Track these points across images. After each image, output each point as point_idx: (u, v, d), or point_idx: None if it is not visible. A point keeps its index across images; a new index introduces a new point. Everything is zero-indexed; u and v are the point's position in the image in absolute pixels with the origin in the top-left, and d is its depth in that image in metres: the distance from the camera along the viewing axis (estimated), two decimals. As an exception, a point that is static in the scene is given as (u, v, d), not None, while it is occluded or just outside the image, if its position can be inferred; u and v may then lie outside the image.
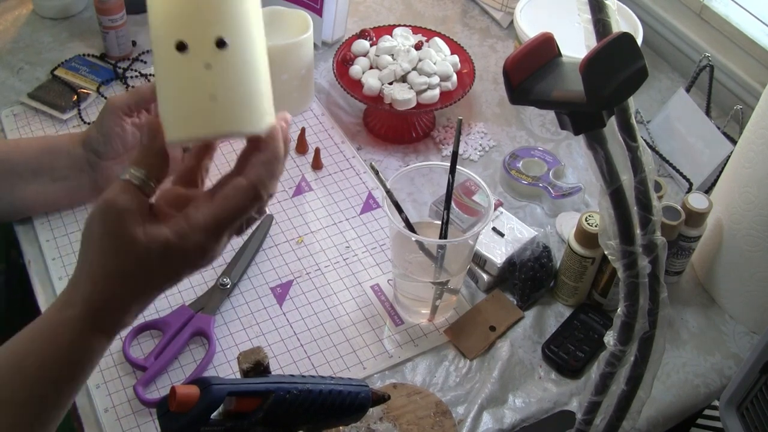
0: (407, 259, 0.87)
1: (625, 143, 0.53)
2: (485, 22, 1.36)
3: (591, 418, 0.68)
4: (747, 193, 0.87)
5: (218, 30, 0.61)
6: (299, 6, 1.19)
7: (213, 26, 0.61)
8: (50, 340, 0.61)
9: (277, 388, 0.62)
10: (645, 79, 0.49)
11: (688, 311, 0.95)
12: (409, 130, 1.13)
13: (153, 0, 0.62)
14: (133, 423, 0.81)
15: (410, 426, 0.81)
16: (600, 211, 0.56)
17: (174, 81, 0.62)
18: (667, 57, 1.29)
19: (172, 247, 0.60)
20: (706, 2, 1.19)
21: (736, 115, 1.10)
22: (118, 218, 0.60)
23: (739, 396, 0.75)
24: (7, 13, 1.30)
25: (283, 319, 0.90)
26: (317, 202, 1.03)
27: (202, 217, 0.61)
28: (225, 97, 0.62)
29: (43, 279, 0.93)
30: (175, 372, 0.85)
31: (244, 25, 0.63)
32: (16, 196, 0.93)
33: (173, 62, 0.61)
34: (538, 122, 1.17)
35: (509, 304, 0.93)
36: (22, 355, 0.61)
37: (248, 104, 0.63)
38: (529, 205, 1.05)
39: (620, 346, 0.60)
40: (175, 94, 0.62)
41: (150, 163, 0.62)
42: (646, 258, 0.56)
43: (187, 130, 0.62)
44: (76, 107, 1.13)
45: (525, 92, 0.54)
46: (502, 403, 0.85)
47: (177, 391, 0.59)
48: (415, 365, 0.88)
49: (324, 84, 1.21)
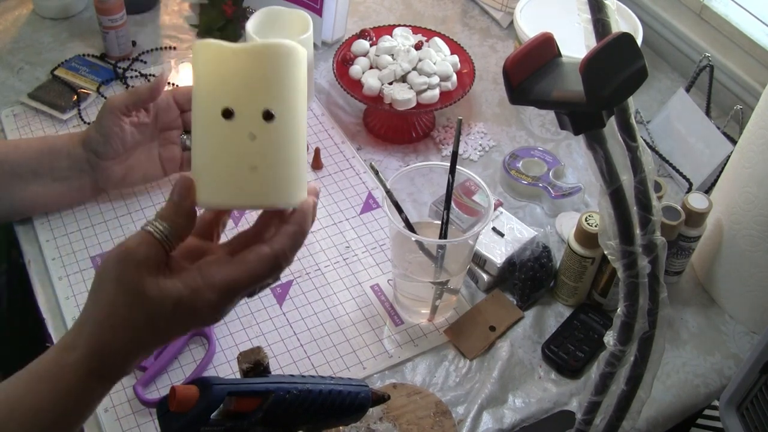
0: (407, 259, 0.87)
1: (625, 143, 0.53)
2: (485, 22, 1.36)
3: (591, 418, 0.68)
4: (747, 193, 0.87)
5: (267, 102, 0.61)
6: (299, 6, 1.19)
7: (262, 98, 0.61)
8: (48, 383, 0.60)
9: (277, 388, 0.62)
10: (645, 79, 0.49)
11: (688, 311, 0.95)
12: (409, 130, 1.13)
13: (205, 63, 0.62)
14: (133, 423, 0.81)
15: (410, 426, 0.81)
16: (600, 211, 0.56)
17: (215, 146, 0.62)
18: (667, 57, 1.29)
19: (183, 302, 0.59)
20: (706, 2, 1.19)
21: (736, 115, 1.10)
22: (134, 268, 0.59)
23: (739, 396, 0.75)
24: (7, 13, 1.31)
25: (283, 319, 0.90)
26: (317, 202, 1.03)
27: (219, 277, 0.61)
28: (265, 169, 0.62)
29: (43, 279, 0.93)
30: (175, 372, 0.85)
31: (291, 99, 0.63)
32: (16, 197, 0.93)
33: (217, 127, 0.61)
34: (538, 122, 1.17)
35: (509, 304, 0.93)
36: (19, 396, 0.60)
37: (287, 178, 0.63)
38: (529, 205, 1.05)
39: (620, 346, 0.60)
40: (215, 159, 0.62)
41: (175, 221, 0.61)
42: (645, 258, 0.56)
43: (222, 197, 0.63)
44: (76, 107, 1.13)
45: (525, 92, 0.54)
46: (502, 403, 0.85)
47: (177, 391, 0.59)
48: (415, 365, 0.88)
49: (324, 84, 1.21)
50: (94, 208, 1.00)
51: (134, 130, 0.93)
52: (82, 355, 0.60)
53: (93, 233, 0.97)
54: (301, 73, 0.63)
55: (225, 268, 0.61)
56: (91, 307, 0.61)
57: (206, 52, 0.62)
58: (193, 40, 1.27)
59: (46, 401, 0.59)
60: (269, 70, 0.62)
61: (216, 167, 0.62)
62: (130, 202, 1.01)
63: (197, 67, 0.62)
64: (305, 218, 0.64)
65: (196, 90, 0.63)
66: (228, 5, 1.24)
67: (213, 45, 0.62)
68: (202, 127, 0.62)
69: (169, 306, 0.59)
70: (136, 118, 0.93)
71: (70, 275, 0.93)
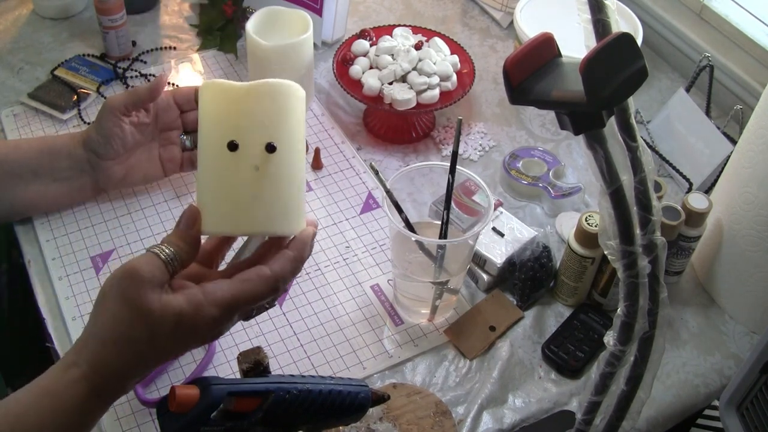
0: (407, 259, 0.87)
1: (625, 143, 0.53)
2: (485, 22, 1.36)
3: (591, 418, 0.68)
4: (747, 193, 0.87)
5: (269, 136, 0.66)
6: (299, 6, 1.19)
7: (266, 131, 0.66)
8: (51, 399, 0.61)
9: (277, 388, 0.62)
10: (645, 79, 0.49)
11: (688, 311, 0.95)
12: (409, 130, 1.13)
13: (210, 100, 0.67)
14: (132, 423, 0.81)
15: (410, 426, 0.81)
16: (600, 211, 0.56)
17: (220, 177, 0.66)
18: (667, 57, 1.29)
19: (185, 317, 0.62)
20: (706, 2, 1.19)
21: (736, 115, 1.10)
22: (137, 285, 0.61)
23: (739, 396, 0.75)
24: (7, 13, 1.31)
25: (283, 319, 0.90)
26: (317, 202, 1.03)
27: (220, 293, 0.63)
28: (268, 198, 0.66)
29: (43, 279, 0.93)
30: (175, 372, 0.85)
31: (291, 133, 0.68)
32: (16, 197, 0.93)
33: (222, 160, 0.66)
34: (538, 122, 1.17)
35: (509, 304, 0.93)
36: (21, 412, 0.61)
37: (287, 207, 0.68)
38: (529, 205, 1.05)
39: (620, 346, 0.60)
40: (220, 189, 0.66)
41: (181, 247, 0.65)
42: (646, 258, 0.56)
43: (226, 225, 0.67)
44: (76, 107, 1.13)
45: (525, 92, 0.54)
46: (501, 403, 0.85)
47: (177, 391, 0.59)
48: (415, 365, 0.88)
49: (324, 84, 1.21)
50: (94, 208, 1.00)
51: (134, 130, 0.93)
52: (84, 372, 0.61)
53: (93, 233, 0.97)
54: (300, 109, 0.69)
55: (226, 285, 0.64)
56: (94, 325, 0.63)
57: (212, 90, 0.67)
58: (193, 40, 1.27)
59: (48, 418, 0.61)
60: (272, 106, 0.66)
61: (221, 197, 0.66)
62: (130, 202, 1.01)
63: (203, 105, 0.67)
64: (305, 246, 0.68)
65: (202, 125, 0.67)
66: (228, 5, 1.24)
67: (218, 84, 0.66)
68: (208, 159, 0.67)
69: (170, 320, 0.61)
70: (136, 119, 0.93)
71: (70, 275, 0.93)
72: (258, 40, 1.05)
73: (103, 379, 0.62)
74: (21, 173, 0.92)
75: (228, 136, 0.65)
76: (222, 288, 0.63)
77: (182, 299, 0.62)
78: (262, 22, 1.10)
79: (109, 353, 0.61)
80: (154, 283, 0.61)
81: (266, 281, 0.65)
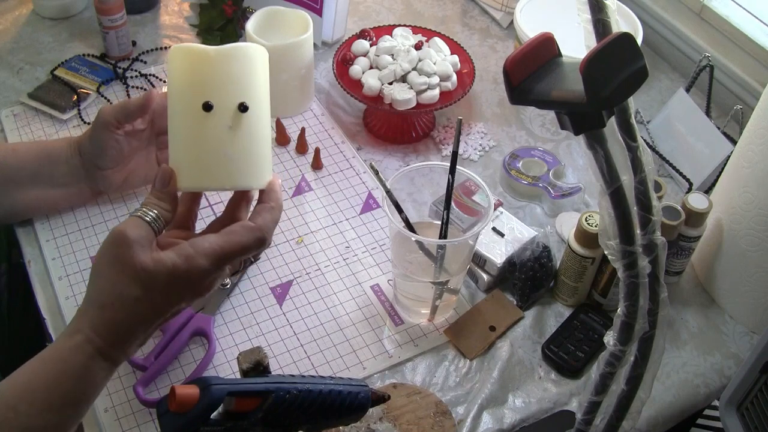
0: (407, 259, 0.87)
1: (625, 143, 0.53)
2: (485, 22, 1.36)
3: (591, 418, 0.68)
4: (747, 193, 0.87)
5: (242, 95, 0.70)
6: (299, 6, 1.19)
7: (238, 92, 0.70)
8: (56, 365, 0.64)
9: (277, 388, 0.62)
10: (645, 79, 0.49)
11: (688, 311, 0.95)
12: (409, 130, 1.13)
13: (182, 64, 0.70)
14: (132, 423, 0.81)
15: (410, 426, 0.81)
16: (600, 211, 0.56)
17: (195, 136, 0.70)
18: (667, 57, 1.29)
19: (177, 269, 0.65)
20: (706, 2, 1.19)
21: (736, 115, 1.10)
22: (127, 247, 0.64)
23: (739, 396, 0.75)
24: (7, 13, 1.31)
25: (282, 319, 0.90)
26: (317, 202, 1.03)
27: (209, 245, 0.67)
28: (239, 155, 0.70)
29: (43, 279, 0.93)
30: (175, 372, 0.85)
31: (261, 94, 0.72)
32: (16, 201, 0.93)
33: (197, 120, 0.69)
34: (538, 122, 1.17)
35: (509, 304, 0.93)
36: (28, 379, 0.64)
37: (257, 163, 0.72)
38: (529, 205, 1.05)
39: (620, 346, 0.60)
40: (194, 147, 0.70)
41: (160, 206, 0.68)
42: (646, 258, 0.56)
43: (201, 181, 0.71)
44: (76, 107, 1.13)
45: (525, 92, 0.54)
46: (502, 403, 0.85)
47: (177, 391, 0.59)
48: (415, 365, 0.88)
49: (324, 84, 1.21)
50: (94, 209, 1.00)
51: (130, 139, 0.93)
52: (86, 336, 0.64)
53: (93, 233, 0.97)
54: (265, 70, 0.73)
55: (213, 238, 0.67)
56: (91, 292, 0.66)
57: (182, 53, 0.70)
58: (193, 40, 1.27)
59: (54, 384, 0.63)
60: (242, 68, 0.70)
61: (195, 155, 0.70)
62: (130, 203, 1.01)
63: (175, 68, 0.70)
64: (278, 195, 0.72)
65: (173, 88, 0.70)
66: (228, 5, 1.24)
67: (187, 47, 0.70)
68: (181, 119, 0.70)
69: (164, 275, 0.64)
70: (130, 128, 0.93)
71: (70, 275, 0.93)
72: (258, 40, 1.05)
73: (105, 341, 0.64)
74: (19, 178, 0.91)
75: (201, 97, 0.69)
76: (210, 240, 0.67)
77: (173, 254, 0.65)
78: (262, 22, 1.10)
79: (108, 315, 0.64)
80: (142, 243, 0.64)
81: (252, 232, 0.68)
